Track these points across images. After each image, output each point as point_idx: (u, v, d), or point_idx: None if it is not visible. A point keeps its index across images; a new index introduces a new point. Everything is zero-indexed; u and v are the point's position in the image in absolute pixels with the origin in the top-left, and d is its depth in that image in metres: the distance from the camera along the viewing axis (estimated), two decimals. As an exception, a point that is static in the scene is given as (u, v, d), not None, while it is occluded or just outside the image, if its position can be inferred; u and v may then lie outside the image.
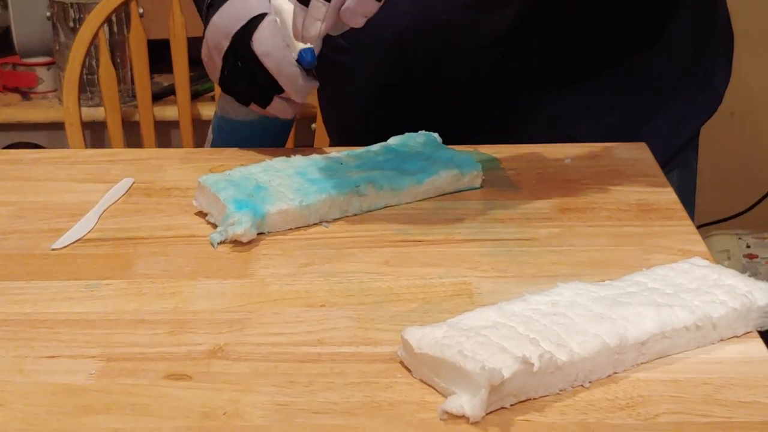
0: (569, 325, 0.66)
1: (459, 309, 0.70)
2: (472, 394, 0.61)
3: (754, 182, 2.20)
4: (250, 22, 0.95)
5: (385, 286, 0.77)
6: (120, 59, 1.88)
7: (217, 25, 0.98)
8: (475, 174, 0.93)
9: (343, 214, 0.88)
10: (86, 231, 0.86)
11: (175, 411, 0.62)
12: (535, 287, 0.73)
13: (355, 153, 0.95)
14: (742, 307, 0.69)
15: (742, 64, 2.14)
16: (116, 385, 0.65)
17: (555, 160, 0.99)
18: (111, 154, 1.03)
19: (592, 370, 0.65)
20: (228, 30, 0.97)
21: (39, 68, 1.98)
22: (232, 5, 0.97)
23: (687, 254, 0.79)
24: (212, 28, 0.98)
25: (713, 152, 2.21)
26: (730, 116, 2.19)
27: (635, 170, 0.97)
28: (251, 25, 0.95)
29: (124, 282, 0.78)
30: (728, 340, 0.70)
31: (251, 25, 0.95)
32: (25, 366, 0.67)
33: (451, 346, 0.63)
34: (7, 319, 0.73)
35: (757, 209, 2.13)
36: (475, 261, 0.80)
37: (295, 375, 0.66)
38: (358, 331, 0.71)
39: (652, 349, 0.67)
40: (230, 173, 0.89)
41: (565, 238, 0.84)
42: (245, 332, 0.71)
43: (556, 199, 0.91)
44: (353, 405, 0.63)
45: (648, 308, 0.68)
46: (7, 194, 0.94)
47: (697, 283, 0.72)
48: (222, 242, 0.83)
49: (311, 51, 0.93)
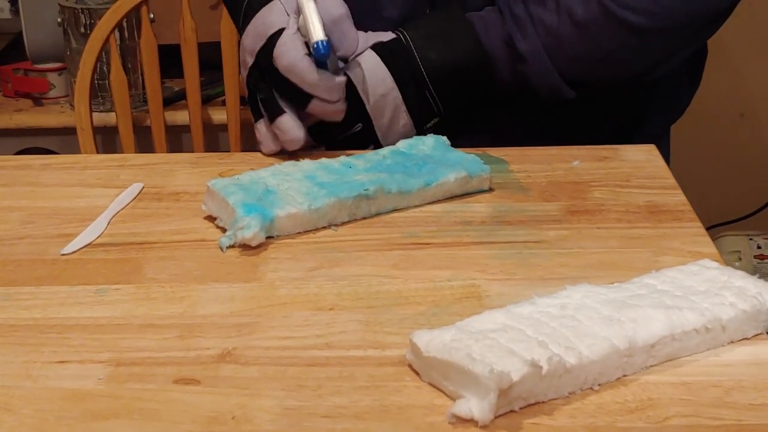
0: (578, 327, 0.66)
1: (468, 312, 0.70)
2: (481, 398, 0.61)
3: (764, 183, 2.19)
4: (270, 40, 0.97)
5: (394, 289, 0.77)
6: (131, 64, 1.89)
7: (248, 38, 1.00)
8: (483, 176, 0.93)
9: (351, 218, 0.88)
10: (95, 236, 0.86)
11: (184, 416, 0.62)
12: (544, 290, 0.72)
13: (363, 156, 0.95)
14: (752, 309, 0.69)
15: (750, 66, 2.14)
16: (125, 390, 0.65)
17: (563, 162, 0.99)
18: (120, 159, 1.03)
19: (602, 373, 0.65)
20: (254, 45, 0.99)
21: (50, 74, 1.98)
22: (255, 24, 0.99)
23: (696, 256, 0.79)
24: (246, 38, 1.00)
25: (723, 153, 2.21)
26: (740, 118, 2.18)
27: (644, 172, 0.97)
28: (271, 42, 0.96)
29: (134, 287, 0.78)
30: (738, 343, 0.69)
31: (271, 43, 0.96)
32: (33, 371, 0.67)
33: (460, 349, 0.63)
34: (16, 324, 0.73)
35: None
36: (483, 264, 0.80)
37: (303, 379, 0.66)
38: (366, 334, 0.71)
39: (661, 351, 0.67)
40: (239, 177, 0.89)
41: (575, 240, 0.84)
42: (254, 336, 0.71)
43: (565, 202, 0.91)
44: (362, 409, 0.63)
45: (657, 311, 0.68)
46: (16, 200, 0.94)
47: (706, 285, 0.72)
48: (231, 246, 0.83)
49: (326, 44, 0.93)
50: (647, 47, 1.03)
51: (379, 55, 1.02)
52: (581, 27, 1.01)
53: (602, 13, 1.00)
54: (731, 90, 2.16)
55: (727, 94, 2.16)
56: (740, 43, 2.11)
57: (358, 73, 1.01)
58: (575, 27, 1.01)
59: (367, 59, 1.02)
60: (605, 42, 1.02)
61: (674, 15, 1.00)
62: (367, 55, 1.02)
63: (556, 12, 1.02)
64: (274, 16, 0.98)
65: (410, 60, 1.02)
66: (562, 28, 1.02)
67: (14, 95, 2.01)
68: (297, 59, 0.95)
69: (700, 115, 2.11)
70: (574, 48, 1.03)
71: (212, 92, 1.92)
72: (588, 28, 1.01)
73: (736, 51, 2.12)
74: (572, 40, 1.02)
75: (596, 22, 1.01)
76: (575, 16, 1.01)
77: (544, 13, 1.02)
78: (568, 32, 1.02)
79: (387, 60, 1.01)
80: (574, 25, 1.01)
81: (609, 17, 1.00)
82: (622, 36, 1.01)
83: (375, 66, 1.01)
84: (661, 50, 1.04)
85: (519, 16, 1.03)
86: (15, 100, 2.01)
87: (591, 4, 1.00)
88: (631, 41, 1.02)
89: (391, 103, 1.01)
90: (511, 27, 1.03)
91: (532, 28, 1.02)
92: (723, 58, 2.12)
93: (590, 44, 1.02)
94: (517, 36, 1.03)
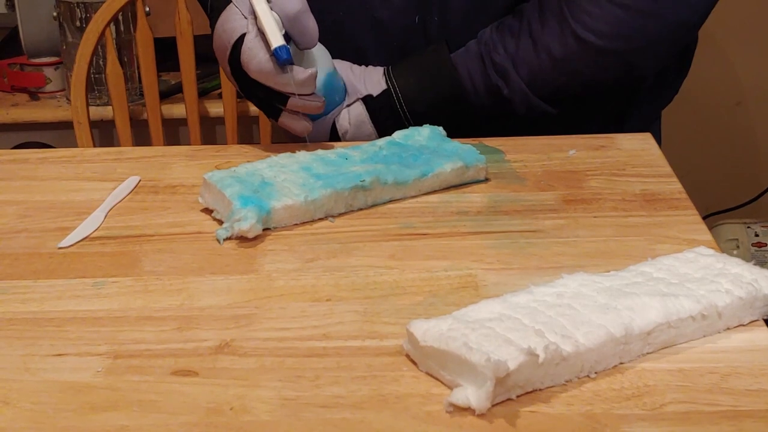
0: (574, 316, 0.66)
1: (465, 301, 0.70)
2: (478, 386, 0.61)
3: (761, 171, 2.20)
4: (235, 45, 0.97)
5: (391, 279, 0.77)
6: (127, 58, 1.88)
7: (216, 49, 1.01)
8: (479, 166, 0.93)
9: (348, 209, 0.88)
10: (93, 229, 0.86)
11: (182, 407, 0.63)
12: (541, 279, 0.73)
13: (359, 147, 0.95)
14: (747, 295, 0.69)
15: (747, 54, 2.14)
16: (123, 382, 0.65)
17: (559, 151, 0.99)
18: (117, 153, 1.03)
19: (598, 361, 0.65)
20: (223, 54, 0.99)
21: (47, 68, 1.98)
22: (217, 33, 0.99)
23: (692, 244, 0.79)
24: (214, 47, 1.01)
25: (720, 142, 2.21)
26: (737, 106, 2.18)
27: (640, 161, 0.97)
28: (236, 48, 0.97)
29: (131, 279, 0.78)
30: (734, 329, 0.70)
31: (236, 48, 0.97)
32: (32, 364, 0.67)
33: (457, 339, 0.63)
34: (14, 318, 0.73)
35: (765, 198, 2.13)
36: (480, 253, 0.80)
37: (301, 369, 0.66)
38: (364, 324, 0.71)
39: (657, 339, 0.67)
40: (235, 170, 0.89)
41: (571, 229, 0.84)
42: (251, 328, 0.71)
43: (561, 191, 0.91)
44: (360, 399, 0.63)
45: (653, 298, 0.68)
46: (13, 194, 0.94)
47: (702, 272, 0.72)
48: (228, 238, 0.83)
49: (286, 48, 0.93)
50: (626, 65, 1.05)
51: (368, 109, 1.05)
52: (560, 61, 1.04)
53: (579, 46, 1.03)
54: (728, 79, 2.16)
55: (724, 83, 2.16)
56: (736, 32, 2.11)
57: (344, 126, 1.05)
58: (554, 62, 1.04)
59: (354, 113, 1.05)
60: (584, 69, 1.05)
61: (649, 34, 1.02)
62: (356, 109, 1.05)
63: (534, 51, 1.04)
64: (232, 22, 0.98)
65: (397, 115, 1.05)
66: (543, 64, 1.04)
67: (10, 90, 2.00)
68: (262, 64, 0.95)
69: (698, 104, 2.12)
70: (556, 80, 1.06)
71: (209, 85, 1.92)
72: (566, 61, 1.04)
73: (732, 40, 2.12)
74: (554, 73, 1.05)
75: (573, 53, 1.03)
76: (553, 53, 1.04)
77: (524, 53, 1.04)
78: (549, 68, 1.05)
79: (375, 116, 1.05)
80: (553, 60, 1.04)
81: (586, 48, 1.03)
82: (599, 61, 1.04)
83: (362, 123, 1.05)
84: (639, 66, 1.06)
85: (500, 64, 1.05)
86: (11, 95, 2.00)
87: (566, 38, 1.03)
88: (608, 64, 1.04)
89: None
90: (494, 77, 1.06)
91: (515, 73, 1.05)
92: (719, 48, 2.12)
93: (571, 75, 1.05)
94: (502, 84, 1.06)
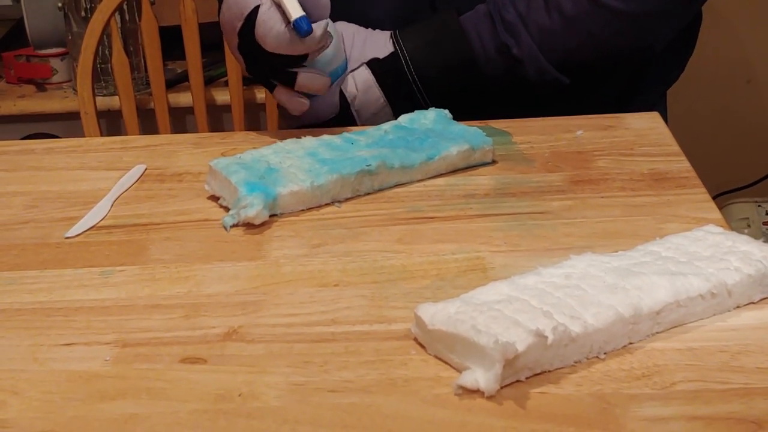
0: (583, 296, 0.66)
1: (473, 284, 0.70)
2: (487, 369, 0.60)
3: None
4: (249, 17, 0.96)
5: (399, 263, 0.77)
6: (132, 47, 1.88)
7: (224, 21, 0.99)
8: (486, 149, 0.92)
9: (354, 194, 0.88)
10: (99, 218, 0.86)
11: (191, 394, 0.62)
12: (549, 260, 0.72)
13: (365, 132, 0.94)
14: (757, 273, 0.69)
15: (756, 33, 2.13)
16: (132, 371, 0.65)
17: (567, 132, 0.99)
18: (123, 142, 1.03)
19: (607, 341, 0.64)
20: (232, 27, 0.98)
21: (53, 59, 1.98)
22: (228, 4, 0.98)
23: (701, 222, 0.79)
24: (222, 21, 0.99)
25: (730, 120, 2.20)
26: (747, 84, 2.17)
27: (648, 140, 0.96)
28: (250, 20, 0.96)
29: (138, 268, 0.78)
30: (744, 307, 0.69)
31: (250, 20, 0.96)
32: (40, 354, 0.67)
33: (465, 322, 0.63)
34: (22, 308, 0.73)
35: (776, 176, 2.12)
36: (488, 236, 0.80)
37: (310, 355, 0.66)
38: (371, 309, 0.71)
39: (667, 318, 0.66)
40: (241, 156, 0.89)
41: (579, 210, 0.84)
42: (259, 314, 0.71)
43: (569, 172, 0.91)
44: (368, 383, 0.63)
45: (662, 277, 0.67)
46: (20, 184, 0.94)
47: (711, 250, 0.71)
48: (234, 225, 0.83)
49: (306, 19, 0.92)
50: (639, 30, 1.05)
51: (375, 73, 1.04)
52: (572, 21, 1.03)
53: (591, 6, 1.02)
54: (738, 57, 2.15)
55: (734, 61, 2.15)
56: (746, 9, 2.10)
57: (352, 92, 1.04)
58: (566, 22, 1.03)
59: (361, 78, 1.04)
60: (597, 31, 1.03)
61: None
62: (362, 74, 1.04)
63: (545, 10, 1.03)
64: None
65: (405, 80, 1.04)
66: (554, 24, 1.03)
67: (17, 81, 2.01)
68: (281, 35, 0.94)
69: (708, 82, 2.11)
70: (567, 42, 1.04)
71: (215, 73, 1.92)
72: (579, 20, 1.03)
73: (742, 18, 2.11)
74: (565, 34, 1.04)
75: (586, 14, 1.02)
76: (565, 12, 1.03)
77: (534, 13, 1.04)
78: (560, 28, 1.04)
79: (381, 80, 1.04)
80: (564, 20, 1.03)
81: (598, 7, 1.02)
82: (613, 23, 1.03)
83: (369, 87, 1.04)
84: (652, 31, 1.05)
85: (510, 22, 1.04)
86: (18, 87, 2.00)
87: None
88: (621, 27, 1.03)
89: (383, 119, 1.03)
90: (504, 36, 1.05)
91: (526, 32, 1.04)
92: (729, 26, 2.11)
93: (582, 36, 1.04)
94: (512, 43, 1.05)
